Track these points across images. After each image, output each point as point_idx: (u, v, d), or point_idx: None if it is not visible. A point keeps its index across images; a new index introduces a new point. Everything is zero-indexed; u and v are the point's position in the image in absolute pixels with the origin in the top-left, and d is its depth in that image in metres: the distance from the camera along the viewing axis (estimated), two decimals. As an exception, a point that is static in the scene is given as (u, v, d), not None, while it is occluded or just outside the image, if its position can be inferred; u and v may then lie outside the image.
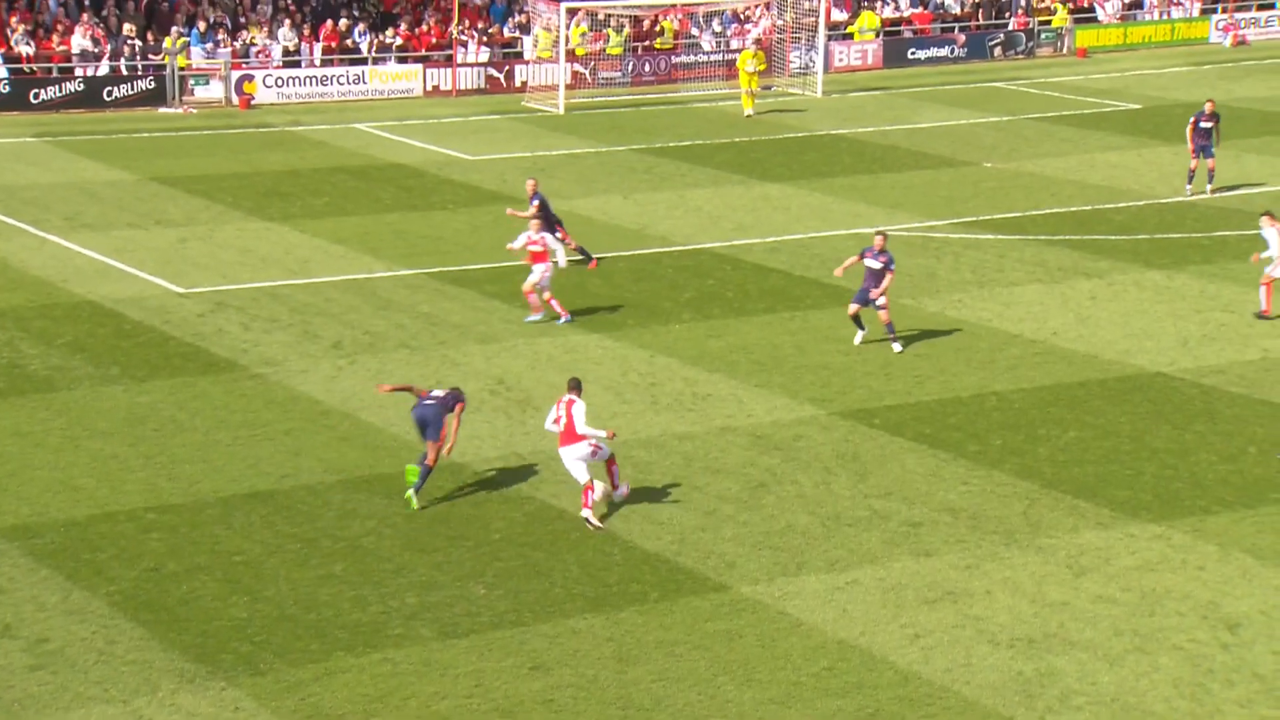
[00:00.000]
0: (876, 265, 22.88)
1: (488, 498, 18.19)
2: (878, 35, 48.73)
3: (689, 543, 17.15)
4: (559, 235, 25.22)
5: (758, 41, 44.11)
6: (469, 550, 16.88)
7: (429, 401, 17.81)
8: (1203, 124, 31.74)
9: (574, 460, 17.35)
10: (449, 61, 43.47)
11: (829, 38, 46.15)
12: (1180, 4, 54.01)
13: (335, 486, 18.30)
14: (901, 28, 49.82)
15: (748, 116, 39.87)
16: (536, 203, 25.94)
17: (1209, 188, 32.46)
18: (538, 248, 23.86)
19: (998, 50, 50.14)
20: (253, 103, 40.85)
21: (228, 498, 17.92)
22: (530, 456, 19.28)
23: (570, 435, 17.27)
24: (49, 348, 22.44)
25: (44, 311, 23.98)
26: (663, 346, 23.30)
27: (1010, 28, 50.70)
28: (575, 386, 17.54)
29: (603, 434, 17.31)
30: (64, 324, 23.35)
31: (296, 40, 42.58)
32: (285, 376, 21.74)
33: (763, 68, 41.02)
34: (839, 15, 48.55)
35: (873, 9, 49.27)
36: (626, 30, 45.32)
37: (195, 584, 15.97)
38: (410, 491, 17.72)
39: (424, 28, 44.14)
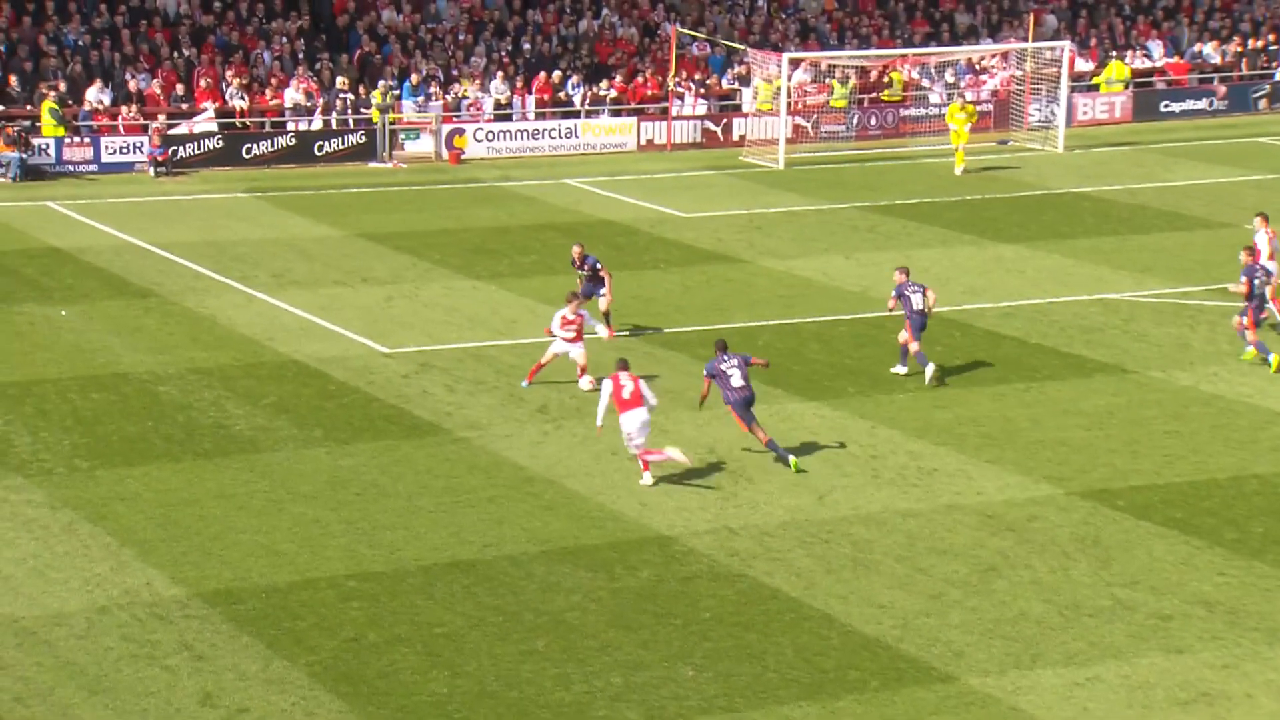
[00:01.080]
0: (916, 297, 23.98)
1: (697, 574, 18.25)
2: (1127, 87, 47.83)
3: (912, 628, 16.94)
4: (602, 293, 25.53)
5: (963, 94, 43.63)
6: (677, 629, 16.96)
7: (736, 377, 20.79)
8: None
9: (638, 425, 20.21)
10: (664, 114, 44.11)
11: (1072, 89, 45.47)
12: None
13: (538, 557, 18.58)
14: (1154, 79, 48.81)
15: (959, 175, 39.46)
16: (587, 268, 25.97)
17: None
18: (571, 330, 23.53)
19: (1263, 102, 48.69)
20: (463, 157, 42.03)
21: (429, 566, 18.33)
22: (742, 531, 19.30)
23: (636, 400, 20.31)
24: (254, 407, 23.35)
25: (250, 370, 24.98)
26: (885, 417, 23.13)
27: (1278, 79, 49.21)
28: (625, 365, 20.93)
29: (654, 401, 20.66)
30: (269, 383, 24.28)
31: (509, 93, 43.77)
32: (489, 441, 22.18)
33: (974, 120, 40.61)
34: (1084, 65, 47.81)
35: (1122, 59, 48.40)
36: (852, 82, 45.40)
37: (395, 656, 16.37)
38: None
39: (639, 79, 44.94)
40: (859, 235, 34.18)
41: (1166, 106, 47.81)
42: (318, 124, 41.80)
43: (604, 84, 44.57)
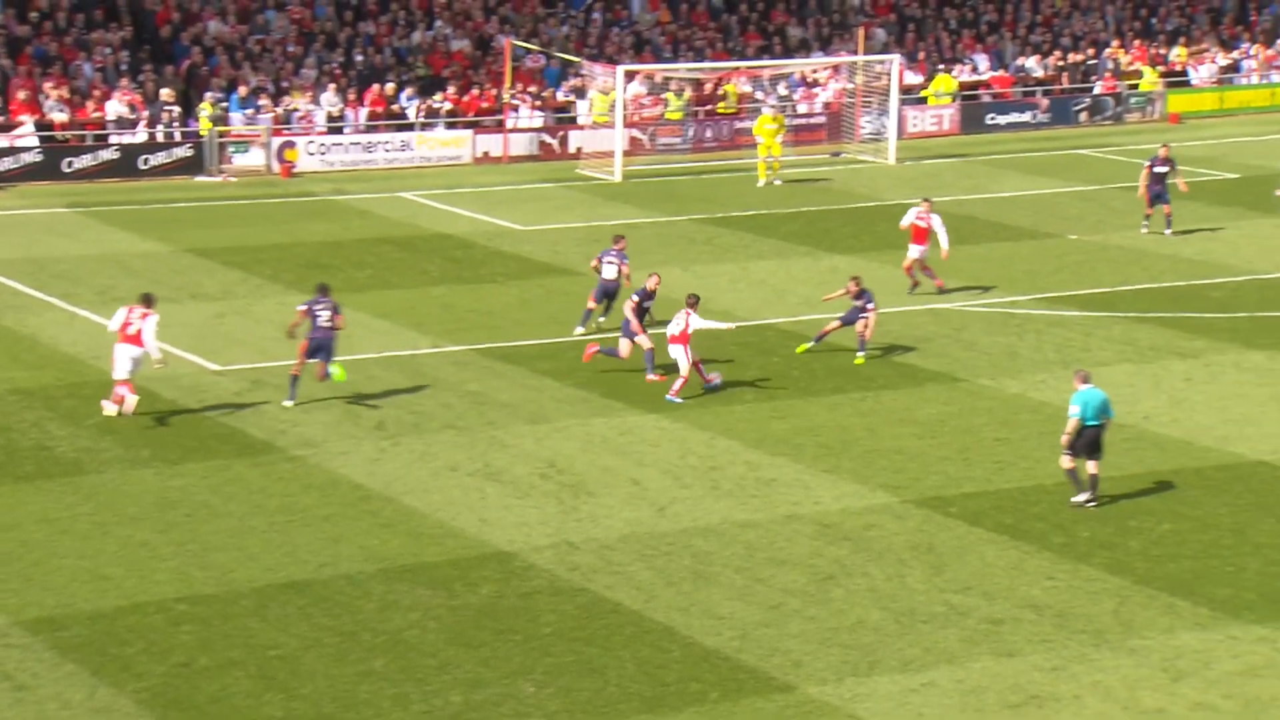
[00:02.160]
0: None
1: (538, 589, 18.21)
2: (954, 99, 48.93)
3: (752, 639, 17.09)
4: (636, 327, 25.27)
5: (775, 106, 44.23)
6: (518, 646, 16.90)
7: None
8: (1157, 169, 33.83)
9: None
10: (500, 127, 44.01)
11: (902, 102, 46.38)
12: (1280, 67, 53.93)
13: (376, 576, 18.39)
14: (980, 92, 50.01)
15: (760, 187, 39.83)
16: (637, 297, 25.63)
17: (1168, 231, 34.06)
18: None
19: (1083, 116, 50.19)
20: (294, 170, 41.48)
21: (263, 587, 18.04)
22: (583, 545, 19.31)
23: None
24: (78, 428, 22.77)
25: (73, 390, 24.35)
26: (724, 428, 23.32)
27: (1097, 92, 50.77)
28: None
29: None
30: (94, 403, 23.69)
31: (341, 105, 43.29)
32: (325, 459, 21.91)
33: (784, 131, 41.08)
34: (913, 78, 48.81)
35: (949, 72, 49.51)
36: (687, 94, 45.76)
37: (228, 680, 16.06)
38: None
39: (474, 92, 44.78)
40: (696, 248, 34.45)
41: (992, 119, 49.03)
42: (142, 137, 40.91)
43: (438, 96, 44.32)
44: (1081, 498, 20.54)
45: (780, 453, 22.38)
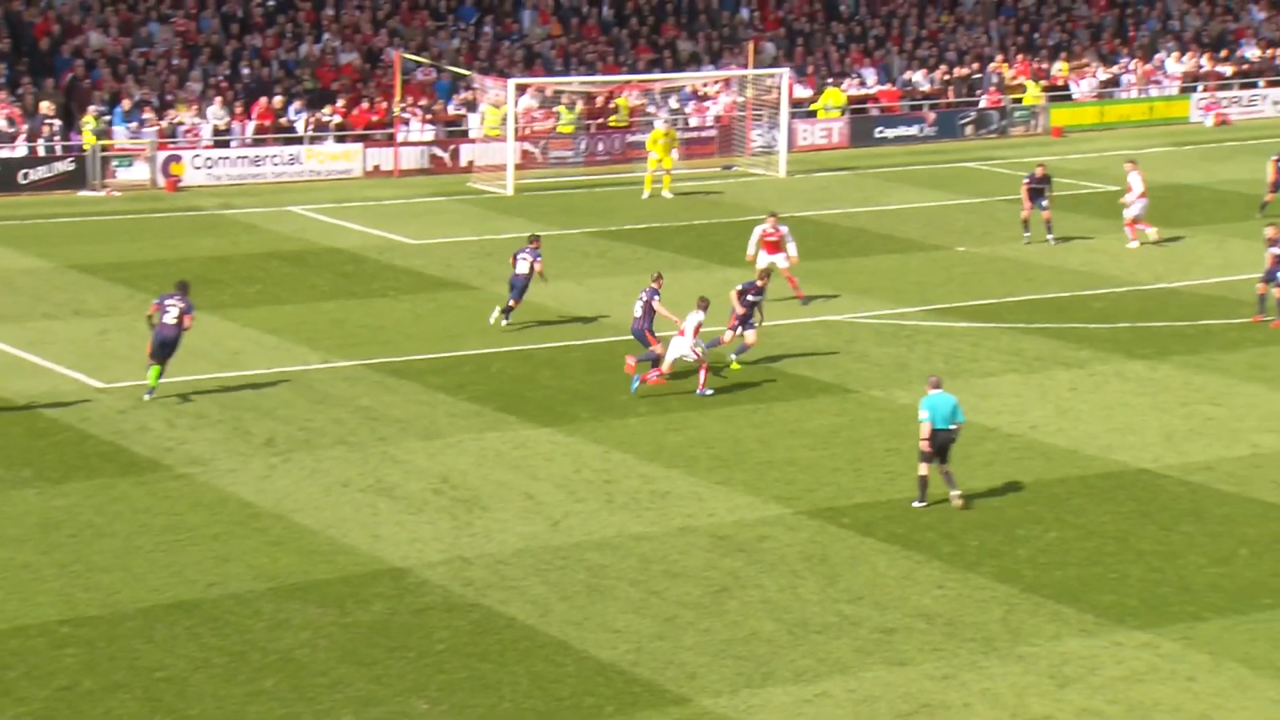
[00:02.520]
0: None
1: (431, 605, 18.10)
2: (843, 113, 49.47)
3: (647, 652, 17.11)
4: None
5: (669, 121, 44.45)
6: (411, 662, 16.77)
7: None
8: (1035, 186, 35.52)
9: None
10: (390, 140, 43.77)
11: (792, 115, 46.81)
12: (1159, 82, 55.12)
13: (266, 595, 18.17)
14: (868, 105, 50.62)
15: (645, 199, 39.98)
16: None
17: (1050, 238, 35.55)
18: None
19: (969, 129, 50.97)
20: (180, 185, 40.94)
21: (149, 608, 17.75)
22: (476, 561, 19.22)
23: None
24: (-43, 446, 22.27)
25: (-48, 407, 23.84)
26: (618, 441, 23.35)
27: (982, 106, 51.59)
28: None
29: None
30: (-26, 421, 23.20)
31: (227, 118, 42.81)
32: (213, 476, 21.64)
33: (675, 145, 41.25)
34: (802, 92, 49.28)
35: (838, 86, 50.05)
36: (579, 107, 45.82)
37: (113, 704, 15.77)
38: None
39: (364, 105, 44.49)
40: (590, 261, 34.48)
41: (881, 132, 49.64)
42: (22, 151, 40.15)
43: (327, 110, 43.98)
44: (956, 497, 20.88)
45: (675, 465, 22.45)
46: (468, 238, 36.46)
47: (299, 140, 43.05)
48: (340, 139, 43.55)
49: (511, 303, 28.56)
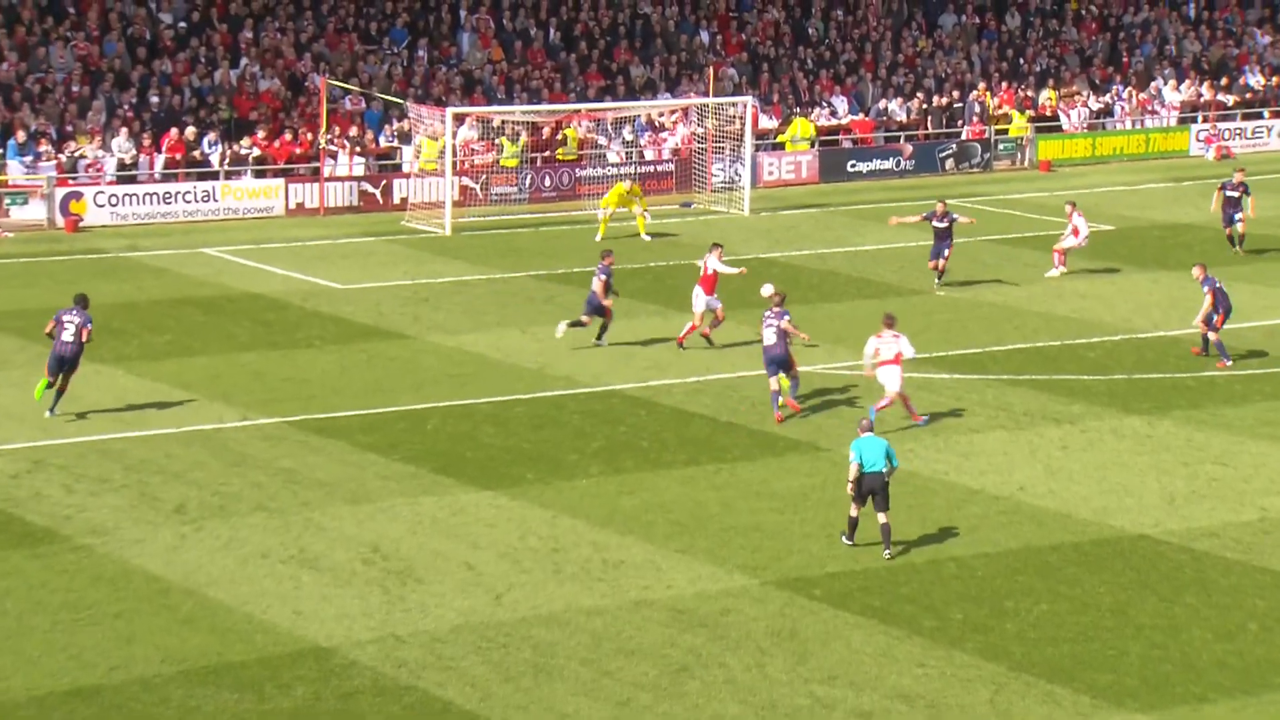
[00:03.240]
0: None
1: (360, 689, 18.01)
2: (813, 145, 49.90)
3: (599, 740, 17.07)
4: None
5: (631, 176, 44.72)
6: (337, 753, 16.69)
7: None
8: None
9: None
10: (315, 175, 43.82)
11: (757, 148, 47.16)
12: (1156, 113, 55.87)
13: (175, 679, 18.05)
14: (840, 137, 51.07)
15: (598, 240, 40.10)
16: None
17: (938, 286, 36.56)
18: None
19: (949, 163, 51.50)
20: (81, 224, 40.84)
21: (44, 696, 17.59)
22: (410, 639, 19.15)
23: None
24: None
25: None
26: (567, 505, 23.35)
27: (964, 137, 52.15)
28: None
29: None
30: None
31: (134, 151, 42.77)
32: (117, 548, 21.50)
33: (637, 191, 41.46)
34: (767, 123, 49.68)
35: (806, 116, 50.48)
36: (524, 139, 46.03)
37: (4, 800, 15.61)
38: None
39: (286, 137, 44.56)
40: (535, 307, 34.56)
41: (854, 166, 50.09)
42: (-94, 186, 40.01)
43: (245, 142, 44.02)
44: (886, 555, 21.53)
45: (629, 531, 22.46)
46: (401, 282, 36.47)
47: (214, 175, 43.04)
48: (260, 174, 43.57)
49: (583, 318, 30.87)
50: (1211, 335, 30.73)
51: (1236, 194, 39.55)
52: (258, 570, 20.93)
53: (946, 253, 36.10)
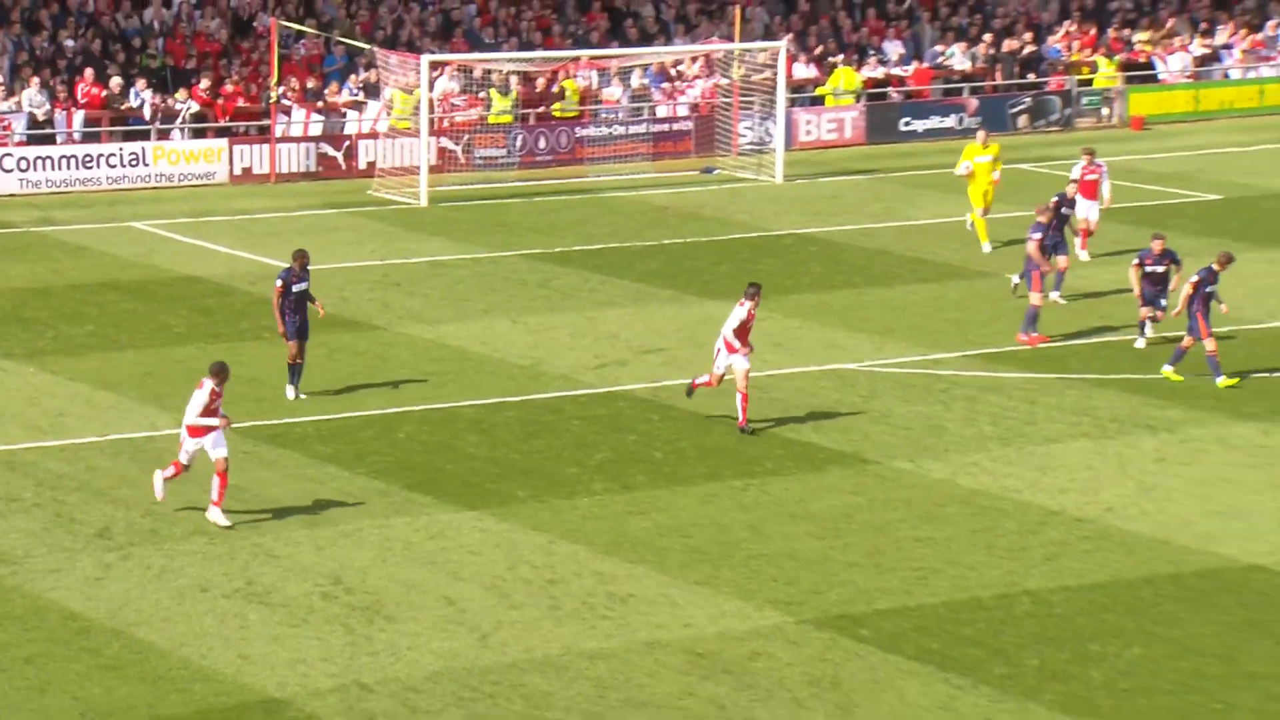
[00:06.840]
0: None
1: (318, 748, 18.10)
2: (859, 99, 49.91)
3: (604, 809, 17.13)
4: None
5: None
6: (291, 824, 16.75)
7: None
8: (1149, 268, 30.95)
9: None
10: (265, 135, 43.91)
11: (792, 103, 47.14)
12: (1270, 58, 55.80)
13: (99, 735, 18.13)
14: (890, 89, 51.07)
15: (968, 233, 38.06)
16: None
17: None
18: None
19: (1023, 119, 51.48)
20: (-13, 192, 41.01)
21: (-57, 753, 17.70)
22: (379, 687, 19.21)
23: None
24: None
25: None
26: (566, 529, 23.40)
27: (1041, 90, 52.12)
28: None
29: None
30: None
31: (47, 106, 42.87)
32: (28, 579, 21.57)
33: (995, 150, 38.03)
34: (804, 72, 49.69)
35: (851, 65, 50.49)
36: (515, 92, 46.06)
37: None
38: None
39: (228, 88, 44.63)
40: (528, 292, 34.61)
41: (907, 124, 50.09)
42: None
43: (181, 94, 44.10)
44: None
45: (639, 560, 22.50)
46: (368, 262, 36.53)
47: (144, 134, 43.13)
48: (199, 133, 43.65)
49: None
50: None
51: None
52: (196, 606, 20.98)
53: (1163, 302, 30.89)
